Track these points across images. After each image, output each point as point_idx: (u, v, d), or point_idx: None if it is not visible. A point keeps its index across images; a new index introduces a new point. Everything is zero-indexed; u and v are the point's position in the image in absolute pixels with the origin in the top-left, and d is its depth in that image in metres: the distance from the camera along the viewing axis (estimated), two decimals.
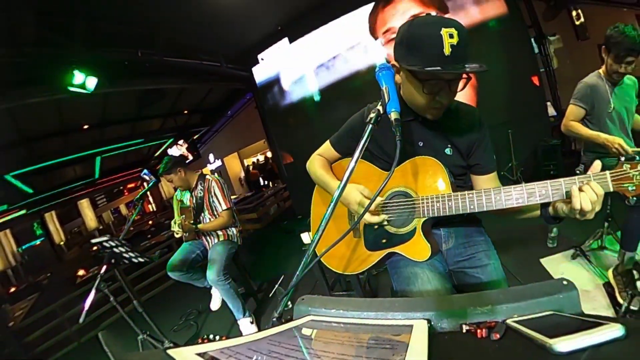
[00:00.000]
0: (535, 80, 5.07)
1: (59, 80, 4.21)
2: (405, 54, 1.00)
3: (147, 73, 5.71)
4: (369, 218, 1.14)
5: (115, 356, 0.50)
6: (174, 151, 11.51)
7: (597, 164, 0.88)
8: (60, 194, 12.65)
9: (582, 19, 6.13)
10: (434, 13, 4.82)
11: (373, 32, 5.32)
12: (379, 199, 1.18)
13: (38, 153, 8.21)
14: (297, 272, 0.81)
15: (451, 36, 0.90)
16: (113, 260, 2.22)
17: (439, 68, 0.92)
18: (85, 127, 8.14)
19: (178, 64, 5.62)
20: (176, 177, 2.80)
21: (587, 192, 0.84)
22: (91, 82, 4.37)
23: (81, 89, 4.34)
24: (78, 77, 4.23)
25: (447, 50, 0.91)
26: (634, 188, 0.84)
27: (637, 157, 0.85)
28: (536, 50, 5.88)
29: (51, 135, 7.80)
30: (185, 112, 10.33)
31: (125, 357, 0.53)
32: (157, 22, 4.66)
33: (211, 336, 0.68)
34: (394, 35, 3.65)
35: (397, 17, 5.11)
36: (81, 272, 7.20)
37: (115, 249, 2.20)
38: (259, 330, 0.92)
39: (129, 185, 17.86)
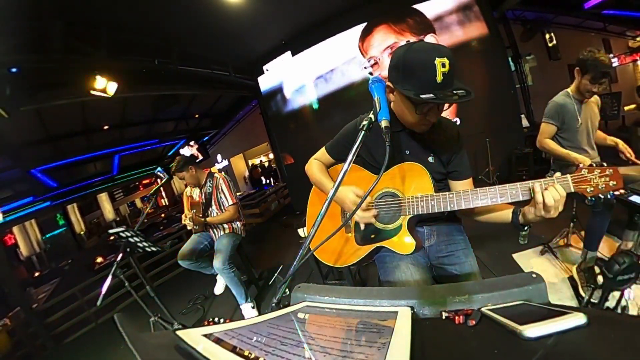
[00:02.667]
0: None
1: (83, 84, 4.17)
2: (401, 78, 0.99)
3: (162, 80, 5.68)
4: (361, 213, 1.14)
5: (129, 336, 0.50)
6: (186, 151, 11.45)
7: (557, 175, 0.93)
8: (81, 188, 12.53)
9: (554, 41, 6.20)
10: (407, 39, 4.91)
11: (364, 56, 5.45)
12: (368, 199, 1.18)
13: (62, 150, 8.14)
14: (295, 263, 0.81)
15: (443, 65, 0.91)
16: (128, 249, 2.21)
17: (432, 95, 0.92)
18: (106, 127, 8.10)
19: (191, 73, 5.60)
20: (188, 175, 2.78)
21: (550, 191, 0.89)
22: (111, 87, 4.34)
23: (102, 93, 4.31)
24: (100, 82, 4.20)
25: (439, 78, 0.91)
26: (592, 190, 0.89)
27: (594, 165, 0.90)
28: (513, 68, 5.93)
29: (74, 134, 7.75)
30: (197, 116, 10.29)
31: (138, 337, 0.53)
32: (173, 34, 4.65)
33: (216, 319, 0.68)
34: (374, 62, 4.24)
35: (375, 47, 5.27)
36: (99, 259, 7.14)
37: (130, 239, 2.19)
38: (260, 314, 0.92)
39: (144, 181, 17.68)
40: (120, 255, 2.15)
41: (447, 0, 4.89)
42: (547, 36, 6.21)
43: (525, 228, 1.03)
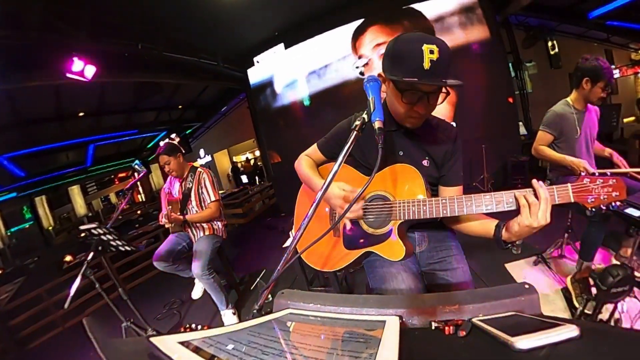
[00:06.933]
0: (510, 99, 5.23)
1: (59, 66, 4.07)
2: (389, 65, 1.03)
3: (145, 66, 5.60)
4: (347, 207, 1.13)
5: (98, 342, 0.49)
6: None
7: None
8: (51, 179, 12.26)
9: (556, 49, 6.37)
10: None
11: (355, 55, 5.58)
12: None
13: (32, 137, 7.92)
14: (278, 267, 0.81)
15: (432, 52, 0.93)
16: (100, 248, 2.14)
17: (416, 79, 0.95)
18: (81, 114, 7.91)
19: (176, 60, 5.50)
20: (174, 161, 2.72)
21: (536, 192, 0.90)
22: (90, 71, 4.25)
23: (80, 77, 4.21)
24: (78, 64, 4.10)
25: (426, 65, 0.93)
26: (593, 200, 0.88)
27: (597, 174, 0.89)
28: (513, 74, 6.06)
29: (47, 120, 7.54)
30: (180, 107, 10.17)
31: (108, 343, 0.52)
32: (160, 18, 4.57)
33: (193, 325, 0.67)
34: (366, 61, 4.33)
35: (366, 45, 5.41)
36: (68, 258, 6.93)
37: (102, 237, 2.13)
38: (240, 321, 0.91)
39: (120, 175, 17.35)
40: (91, 254, 2.09)
41: (449, 1, 4.98)
42: (550, 44, 6.37)
43: (508, 246, 1.02)
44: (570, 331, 0.45)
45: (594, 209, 0.89)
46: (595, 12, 5.84)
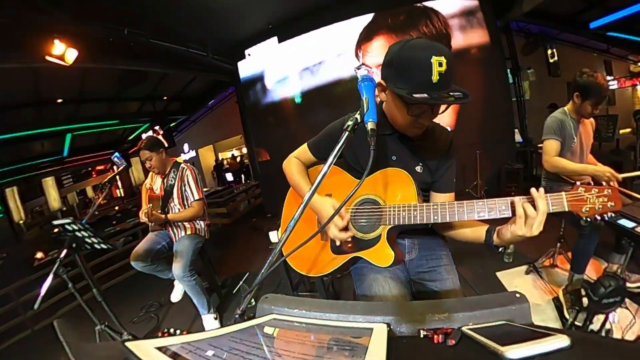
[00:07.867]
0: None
1: (38, 48, 3.93)
2: (395, 76, 1.01)
3: (131, 53, 5.47)
4: (336, 232, 1.10)
5: (70, 346, 0.47)
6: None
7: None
8: (24, 169, 11.93)
9: (555, 58, 6.53)
10: None
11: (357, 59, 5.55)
12: (347, 205, 1.18)
13: (5, 122, 7.67)
14: (262, 271, 0.80)
15: (440, 64, 0.92)
16: (74, 245, 2.10)
17: (425, 95, 0.93)
18: (60, 101, 7.71)
19: (164, 48, 5.41)
20: (156, 157, 2.67)
21: (536, 203, 0.89)
22: (71, 55, 4.11)
23: (60, 61, 4.07)
24: (58, 47, 3.97)
25: (435, 78, 0.93)
26: (588, 210, 0.90)
27: (592, 183, 0.91)
28: (511, 81, 6.18)
29: (22, 105, 7.31)
30: (165, 98, 10.01)
31: (81, 347, 0.50)
32: (148, 3, 4.48)
33: (172, 330, 0.66)
34: (366, 70, 4.51)
35: (371, 56, 5.36)
36: (39, 255, 6.77)
37: (77, 233, 2.09)
38: (222, 326, 0.90)
39: (98, 167, 16.99)
40: (65, 251, 2.05)
41: (451, 3, 5.04)
42: (549, 52, 6.52)
43: (500, 249, 1.04)
44: (561, 341, 0.46)
45: (588, 219, 0.91)
46: (597, 22, 6.02)
